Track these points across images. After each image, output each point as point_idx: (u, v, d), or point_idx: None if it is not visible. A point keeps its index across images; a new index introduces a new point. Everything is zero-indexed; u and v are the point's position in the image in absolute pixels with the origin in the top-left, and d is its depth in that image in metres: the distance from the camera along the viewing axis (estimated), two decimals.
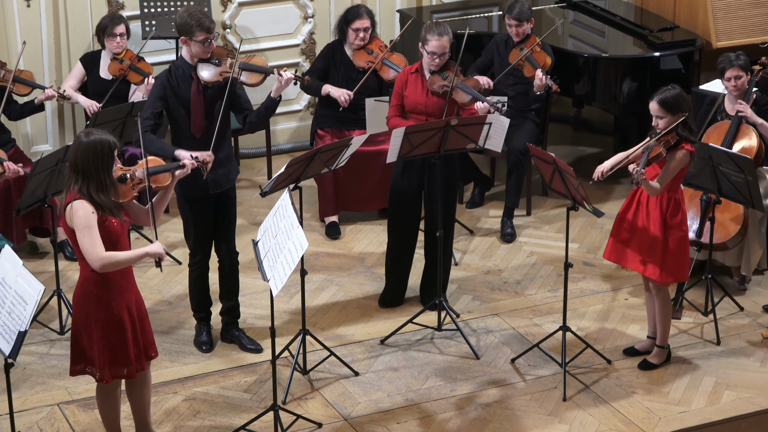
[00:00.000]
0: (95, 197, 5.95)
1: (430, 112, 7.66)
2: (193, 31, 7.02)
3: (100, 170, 5.95)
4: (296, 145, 10.25)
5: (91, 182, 5.95)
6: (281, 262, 6.15)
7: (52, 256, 7.95)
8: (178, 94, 7.10)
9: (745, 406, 7.04)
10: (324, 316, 7.94)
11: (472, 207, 9.40)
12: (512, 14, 8.88)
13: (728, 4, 9.76)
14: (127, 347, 6.15)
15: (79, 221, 5.92)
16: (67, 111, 9.53)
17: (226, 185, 7.26)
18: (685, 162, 6.95)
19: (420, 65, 7.74)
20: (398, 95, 7.79)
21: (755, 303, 8.05)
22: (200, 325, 7.57)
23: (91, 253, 5.94)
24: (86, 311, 6.09)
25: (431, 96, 7.66)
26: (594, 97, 9.39)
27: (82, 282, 6.11)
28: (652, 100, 6.94)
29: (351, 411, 6.98)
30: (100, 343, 6.11)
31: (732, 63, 7.97)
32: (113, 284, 6.07)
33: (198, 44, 7.03)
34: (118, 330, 6.11)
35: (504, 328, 7.81)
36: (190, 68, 7.11)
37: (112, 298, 6.08)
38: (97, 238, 5.94)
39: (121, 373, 6.19)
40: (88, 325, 6.11)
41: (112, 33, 8.72)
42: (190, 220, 7.30)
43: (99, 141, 5.94)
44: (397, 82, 7.82)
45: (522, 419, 6.91)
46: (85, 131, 6.01)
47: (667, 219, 7.05)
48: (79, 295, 6.12)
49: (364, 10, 8.97)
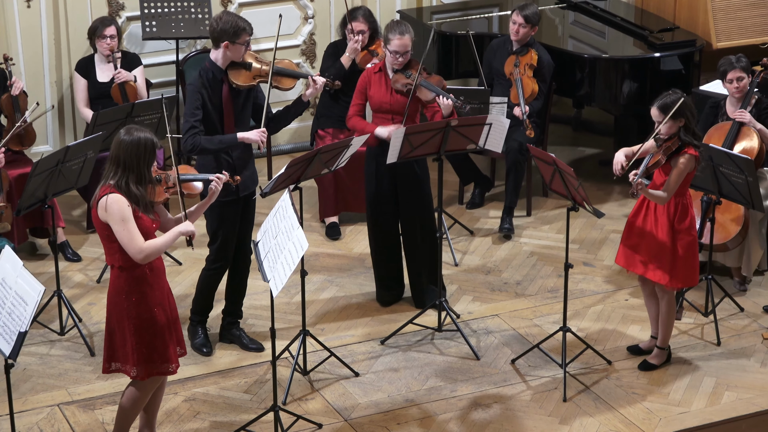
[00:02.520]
0: (133, 189, 5.99)
1: (395, 110, 7.69)
2: (239, 34, 7.03)
3: (142, 164, 6.00)
4: (296, 145, 10.25)
5: (132, 174, 5.98)
6: (281, 263, 6.15)
7: (52, 257, 7.95)
8: (211, 99, 7.11)
9: (745, 407, 7.04)
10: (324, 316, 7.94)
11: (473, 208, 9.39)
12: (522, 12, 8.88)
13: (728, 5, 9.76)
14: (165, 343, 6.16)
15: (114, 214, 5.95)
16: (67, 111, 9.53)
17: (252, 186, 7.29)
18: (691, 167, 6.93)
19: (383, 64, 7.76)
20: (361, 94, 7.82)
21: (755, 304, 8.05)
22: (196, 328, 7.55)
23: (131, 246, 5.96)
24: (119, 309, 6.11)
25: (395, 95, 7.69)
26: (594, 97, 9.39)
27: (113, 281, 6.13)
28: (653, 106, 6.93)
29: (351, 412, 6.98)
30: (134, 339, 6.11)
31: (733, 65, 7.97)
32: (144, 281, 6.09)
33: (240, 47, 7.05)
34: (152, 326, 6.12)
35: (504, 328, 7.81)
36: (221, 72, 7.11)
37: (144, 295, 6.09)
38: (135, 230, 5.96)
39: (159, 370, 6.19)
40: (121, 323, 6.12)
41: (102, 34, 8.74)
42: (219, 226, 7.27)
43: (144, 137, 6.00)
44: (360, 82, 7.83)
45: (522, 420, 6.91)
46: (125, 129, 6.05)
47: (675, 224, 7.03)
48: (112, 294, 6.14)
49: (361, 13, 8.97)
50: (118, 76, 8.70)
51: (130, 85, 8.73)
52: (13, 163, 8.34)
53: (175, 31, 9.38)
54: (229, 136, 7.11)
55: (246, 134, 7.09)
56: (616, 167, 7.04)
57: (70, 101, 9.49)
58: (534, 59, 8.88)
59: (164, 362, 6.19)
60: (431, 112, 7.76)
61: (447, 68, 9.62)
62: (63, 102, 9.50)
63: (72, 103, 9.47)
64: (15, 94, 8.35)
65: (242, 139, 7.08)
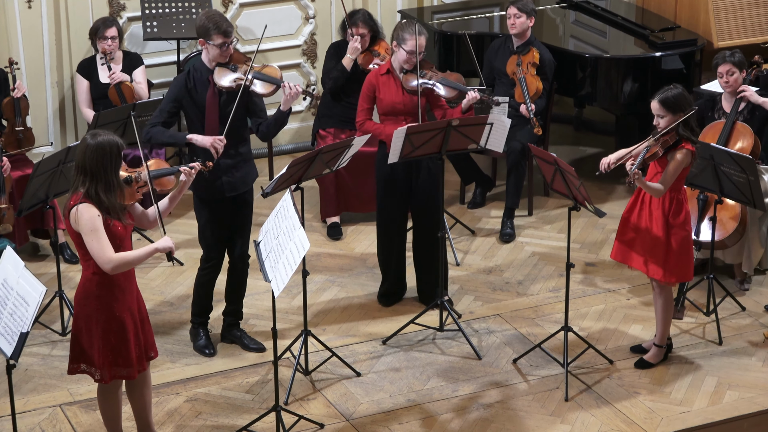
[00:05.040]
0: (103, 198, 5.94)
1: (408, 110, 7.67)
2: (210, 34, 7.02)
3: (109, 171, 5.94)
4: (298, 145, 10.25)
5: (100, 183, 5.94)
6: (283, 263, 6.15)
7: (53, 258, 7.95)
8: (194, 97, 7.11)
9: (747, 406, 7.04)
10: (326, 316, 7.94)
11: (474, 207, 9.39)
12: (515, 3, 8.88)
13: (729, 4, 9.75)
14: (129, 348, 6.15)
15: (85, 225, 5.92)
16: (68, 111, 9.53)
17: (243, 188, 7.26)
18: (687, 162, 6.94)
19: (390, 66, 7.73)
20: (369, 99, 7.78)
21: (757, 303, 8.05)
22: (198, 330, 7.55)
23: (101, 257, 5.93)
24: (88, 311, 6.09)
25: (407, 95, 7.66)
26: (595, 97, 9.39)
27: (84, 282, 6.10)
28: (654, 99, 6.94)
29: (353, 412, 6.98)
30: (100, 343, 6.11)
31: (726, 59, 7.99)
32: (115, 285, 6.07)
33: (215, 48, 7.04)
34: (120, 331, 6.11)
35: (506, 328, 7.81)
36: (208, 72, 7.11)
37: (115, 299, 6.08)
38: (105, 241, 5.93)
39: (121, 374, 6.19)
40: (89, 325, 6.11)
41: (103, 35, 8.74)
42: (205, 223, 7.28)
43: (107, 142, 5.93)
44: (365, 86, 7.79)
45: (524, 420, 6.91)
46: (90, 133, 6.00)
47: (669, 219, 7.04)
48: (81, 296, 6.12)
49: (360, 17, 8.95)
50: (112, 77, 8.71)
51: (126, 85, 8.73)
52: (14, 165, 8.34)
53: (176, 31, 9.38)
54: (180, 134, 7.15)
55: (197, 137, 7.06)
56: (603, 164, 7.05)
57: (71, 102, 9.49)
58: (536, 57, 8.88)
59: (128, 366, 6.18)
60: (441, 112, 7.75)
61: (448, 68, 9.62)
62: (64, 102, 9.50)
63: (73, 103, 9.48)
64: (17, 96, 8.36)
65: (191, 140, 7.04)
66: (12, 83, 8.46)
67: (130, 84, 8.77)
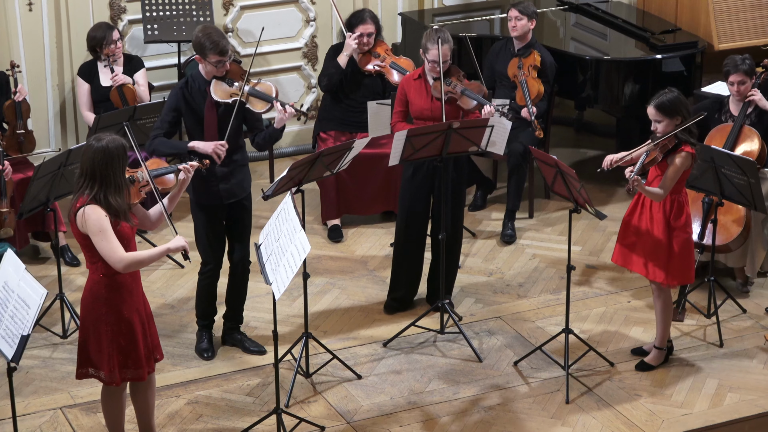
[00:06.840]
0: (112, 201, 5.94)
1: (436, 116, 7.66)
2: (206, 53, 7.04)
3: (118, 173, 5.95)
4: (298, 148, 10.25)
5: (109, 187, 5.93)
6: (284, 266, 6.15)
7: (54, 261, 7.95)
8: (192, 107, 7.12)
9: (748, 409, 7.04)
10: (326, 319, 7.94)
11: (475, 210, 9.39)
12: (516, 6, 8.88)
13: (730, 6, 9.75)
14: (138, 349, 6.15)
15: (93, 226, 5.92)
16: (69, 114, 9.54)
17: (240, 194, 7.27)
18: (687, 165, 6.94)
19: (422, 71, 7.74)
20: (402, 101, 7.78)
21: (758, 305, 8.05)
22: (201, 332, 7.56)
23: (112, 256, 5.93)
24: (96, 315, 6.09)
25: (435, 101, 7.65)
26: (596, 99, 9.40)
27: (91, 286, 6.10)
28: (649, 105, 6.94)
29: (354, 414, 6.98)
30: (109, 346, 6.10)
31: (737, 68, 7.97)
32: (123, 287, 6.07)
33: (211, 65, 7.05)
34: (129, 332, 6.11)
35: (506, 330, 7.81)
36: (205, 83, 7.12)
37: (123, 301, 6.08)
38: (115, 240, 5.93)
39: (131, 375, 6.19)
40: (97, 329, 6.10)
41: (111, 40, 8.73)
42: (202, 228, 7.29)
43: (113, 145, 5.93)
44: (399, 90, 7.81)
45: (525, 422, 6.91)
46: (95, 137, 5.98)
47: (670, 222, 7.04)
48: (88, 299, 6.11)
49: (368, 15, 8.97)
50: (115, 79, 8.71)
51: (128, 87, 8.74)
52: (15, 167, 8.34)
53: (176, 34, 9.38)
54: (182, 143, 7.16)
55: (199, 144, 7.07)
56: (606, 162, 7.05)
57: (72, 105, 9.50)
58: (537, 60, 8.88)
59: (137, 368, 6.19)
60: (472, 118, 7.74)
61: None
62: (65, 105, 9.51)
63: (74, 106, 9.48)
64: (18, 100, 8.36)
65: (194, 148, 7.06)
66: (14, 86, 8.46)
67: (132, 86, 8.77)
